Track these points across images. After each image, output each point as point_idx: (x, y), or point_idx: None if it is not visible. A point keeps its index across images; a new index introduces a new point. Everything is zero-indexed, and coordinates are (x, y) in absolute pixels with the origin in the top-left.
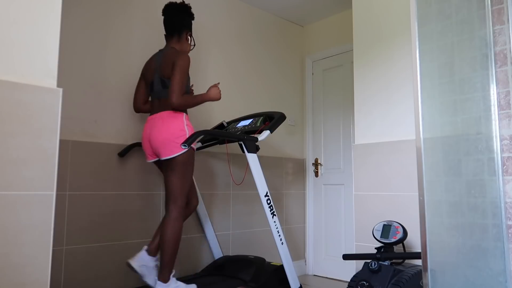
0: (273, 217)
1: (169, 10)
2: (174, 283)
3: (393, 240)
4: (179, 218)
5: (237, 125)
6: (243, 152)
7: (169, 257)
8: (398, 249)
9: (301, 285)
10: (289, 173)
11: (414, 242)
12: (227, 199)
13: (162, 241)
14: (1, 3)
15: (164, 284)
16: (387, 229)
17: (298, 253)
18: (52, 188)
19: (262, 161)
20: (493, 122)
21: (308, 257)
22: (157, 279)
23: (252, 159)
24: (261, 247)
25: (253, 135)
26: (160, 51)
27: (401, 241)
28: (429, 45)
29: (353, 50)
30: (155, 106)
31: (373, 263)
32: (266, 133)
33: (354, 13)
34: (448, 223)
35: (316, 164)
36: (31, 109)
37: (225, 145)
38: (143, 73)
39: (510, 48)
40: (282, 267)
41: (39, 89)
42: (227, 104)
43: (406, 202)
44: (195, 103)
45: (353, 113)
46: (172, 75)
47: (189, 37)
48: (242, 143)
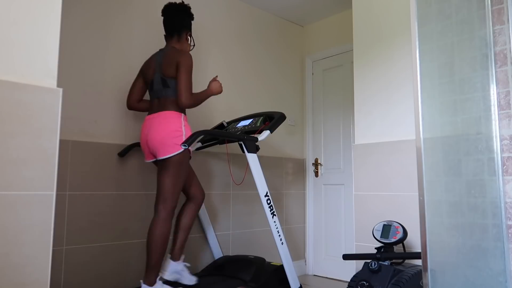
0: (273, 217)
1: (168, 10)
2: (160, 286)
3: (393, 240)
4: (167, 219)
5: (237, 125)
6: (243, 152)
7: (156, 258)
8: (398, 249)
9: (301, 285)
10: (289, 173)
11: (414, 242)
12: (227, 199)
13: (149, 241)
14: (1, 3)
15: (149, 287)
16: (387, 229)
17: (298, 253)
18: (52, 188)
19: (262, 161)
20: (493, 122)
21: (308, 257)
22: (143, 281)
23: (252, 159)
24: (261, 247)
25: (253, 135)
26: (160, 51)
27: (401, 241)
28: (429, 45)
29: (353, 50)
30: (154, 105)
31: (373, 263)
32: (266, 133)
33: (354, 13)
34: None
35: (316, 164)
36: (31, 109)
37: (225, 145)
38: (142, 71)
39: (510, 48)
40: (282, 267)
41: (39, 89)
42: (227, 104)
43: (406, 202)
44: (202, 100)
45: (353, 113)
46: (178, 75)
47: (189, 37)
48: (242, 143)
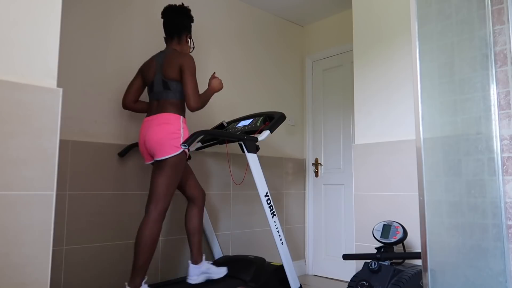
0: (273, 217)
1: (168, 12)
2: None
3: (393, 240)
4: (158, 220)
5: (237, 125)
6: (243, 152)
7: (143, 260)
8: (398, 249)
9: (301, 285)
10: (289, 173)
11: (414, 242)
12: (227, 199)
13: (137, 242)
14: (1, 3)
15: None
16: (387, 229)
17: (298, 253)
18: (52, 188)
19: (262, 161)
20: (493, 122)
21: (308, 257)
22: (127, 284)
23: (252, 159)
24: (261, 247)
25: (253, 135)
26: (161, 52)
27: (401, 241)
28: (429, 45)
29: (353, 50)
30: (153, 107)
31: (373, 263)
32: (266, 133)
33: (354, 13)
34: (448, 223)
35: (316, 164)
36: (31, 109)
37: (225, 145)
38: (142, 72)
39: (510, 48)
40: (282, 267)
41: (39, 89)
42: (227, 104)
43: (406, 202)
44: (208, 99)
45: (353, 113)
46: (183, 79)
47: (189, 40)
48: (242, 143)
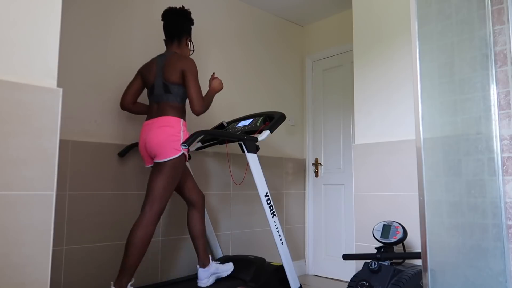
0: (273, 217)
1: (169, 15)
2: None
3: (393, 240)
4: (152, 222)
5: (237, 125)
6: (243, 152)
7: (133, 261)
8: (398, 249)
9: (301, 285)
10: (289, 173)
11: (414, 242)
12: (227, 199)
13: (129, 242)
14: (1, 3)
15: None
16: (387, 229)
17: (298, 253)
18: (52, 188)
19: (262, 161)
20: (493, 122)
21: (308, 257)
22: (113, 284)
23: (252, 159)
24: (261, 247)
25: (253, 135)
26: (161, 55)
27: (401, 241)
28: (429, 45)
29: (353, 50)
30: (153, 110)
31: (373, 263)
32: (266, 133)
33: (354, 13)
34: (448, 223)
35: (316, 164)
36: (31, 109)
37: (225, 145)
38: (142, 74)
39: (510, 48)
40: (282, 267)
41: (39, 89)
42: (227, 104)
43: (406, 202)
44: (211, 101)
45: (353, 113)
46: (187, 83)
47: (189, 42)
48: (242, 143)
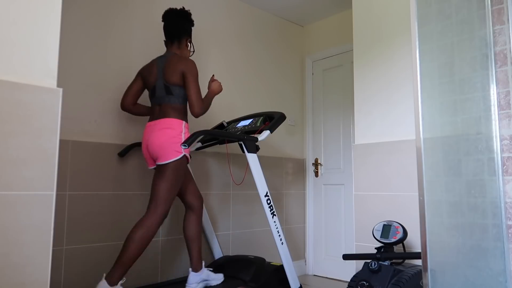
0: (273, 217)
1: (169, 16)
2: None
3: (393, 240)
4: (156, 225)
5: (237, 125)
6: (243, 152)
7: (128, 257)
8: (398, 249)
9: (301, 285)
10: (289, 173)
11: (414, 242)
12: (227, 199)
13: (129, 239)
14: (1, 3)
15: (108, 286)
16: (387, 229)
17: (298, 253)
18: (52, 188)
19: (262, 161)
20: (493, 122)
21: (308, 257)
22: (105, 276)
23: (252, 159)
24: (261, 247)
25: (253, 135)
26: (162, 56)
27: (401, 241)
28: (429, 45)
29: (353, 50)
30: (155, 112)
31: (373, 263)
32: (266, 133)
33: (354, 13)
34: (448, 223)
35: (316, 164)
36: (31, 109)
37: (225, 145)
38: (142, 76)
39: (510, 48)
40: (282, 267)
41: (39, 89)
42: (227, 104)
43: (406, 202)
44: (210, 103)
45: (353, 113)
46: (187, 85)
47: (189, 44)
48: (242, 143)
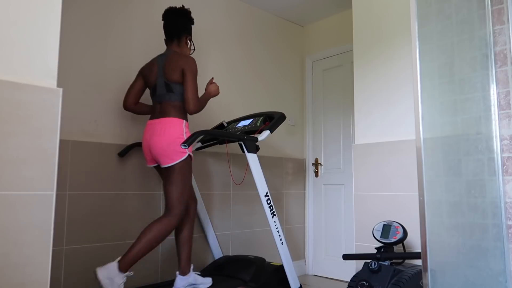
0: (273, 217)
1: (168, 14)
2: (122, 279)
3: (393, 240)
4: (172, 225)
5: (237, 125)
6: (243, 152)
7: (139, 251)
8: (398, 249)
9: (301, 285)
10: (289, 173)
11: (414, 242)
12: (227, 199)
13: (143, 233)
14: (1, 3)
15: (121, 273)
16: (387, 229)
17: (298, 253)
18: (52, 188)
19: (262, 161)
20: (493, 122)
21: (308, 257)
22: (117, 260)
23: (252, 159)
24: (261, 247)
25: (253, 135)
26: (162, 55)
27: (401, 241)
28: (429, 45)
29: (353, 50)
30: (156, 110)
31: (373, 263)
32: (266, 133)
33: (354, 13)
34: (448, 223)
35: (316, 164)
36: (31, 109)
37: (225, 145)
38: (143, 74)
39: (510, 48)
40: (282, 267)
41: (39, 89)
42: (227, 104)
43: (406, 202)
44: (205, 104)
45: (353, 113)
46: (185, 82)
47: (189, 41)
48: (242, 143)
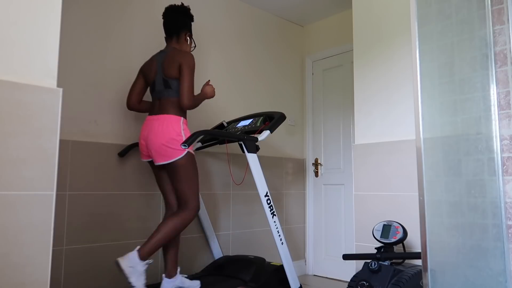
0: (273, 217)
1: (168, 12)
2: (143, 266)
3: (393, 240)
4: (189, 219)
5: (237, 125)
6: (243, 152)
7: (157, 240)
8: (398, 249)
9: (301, 285)
10: (289, 173)
11: (414, 242)
12: (227, 199)
13: (161, 224)
14: (1, 3)
15: (138, 259)
16: (387, 229)
17: (298, 253)
18: (52, 188)
19: (262, 161)
20: (493, 122)
21: (308, 257)
22: (137, 249)
23: (252, 159)
24: (261, 247)
25: (253, 135)
26: (161, 52)
27: (401, 241)
28: (429, 45)
29: (353, 50)
30: (155, 106)
31: (373, 263)
32: (266, 133)
33: (354, 13)
34: (448, 223)
35: (316, 164)
36: (31, 109)
37: (225, 145)
38: (143, 72)
39: (510, 48)
40: (282, 267)
41: (39, 89)
42: (227, 104)
43: (406, 202)
44: (199, 102)
45: (353, 113)
46: (181, 76)
47: (188, 38)
48: (242, 143)
